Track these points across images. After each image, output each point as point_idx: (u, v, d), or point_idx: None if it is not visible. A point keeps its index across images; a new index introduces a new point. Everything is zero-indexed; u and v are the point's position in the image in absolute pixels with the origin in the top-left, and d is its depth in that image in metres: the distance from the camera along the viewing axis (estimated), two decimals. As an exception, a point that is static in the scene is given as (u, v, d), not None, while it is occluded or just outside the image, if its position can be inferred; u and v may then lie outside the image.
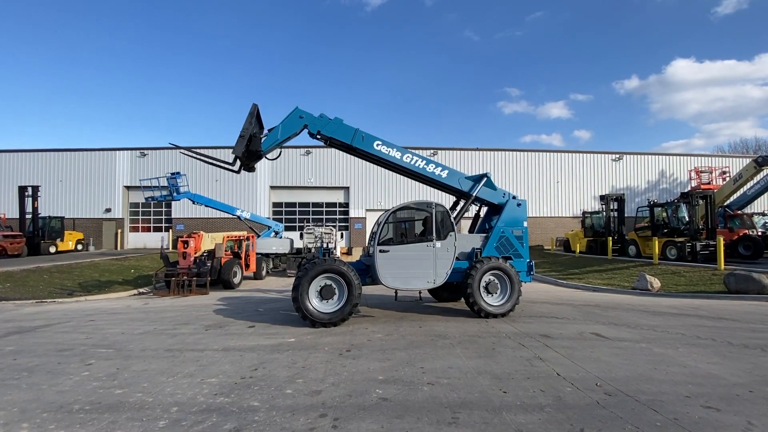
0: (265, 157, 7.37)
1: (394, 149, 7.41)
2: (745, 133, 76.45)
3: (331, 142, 7.39)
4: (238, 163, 7.23)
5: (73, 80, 77.74)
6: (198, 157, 7.78)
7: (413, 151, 7.69)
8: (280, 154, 7.53)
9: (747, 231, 15.79)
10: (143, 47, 79.76)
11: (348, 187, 26.07)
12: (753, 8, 71.33)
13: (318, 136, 7.32)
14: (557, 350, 4.98)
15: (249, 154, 6.99)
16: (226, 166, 7.37)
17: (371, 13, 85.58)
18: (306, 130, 7.27)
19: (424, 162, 7.56)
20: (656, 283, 10.46)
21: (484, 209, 8.40)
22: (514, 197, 7.75)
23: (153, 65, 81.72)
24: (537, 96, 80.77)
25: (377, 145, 7.35)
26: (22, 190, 20.01)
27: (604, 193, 20.57)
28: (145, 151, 25.92)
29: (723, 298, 9.20)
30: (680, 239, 14.83)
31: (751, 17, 73.33)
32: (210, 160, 7.64)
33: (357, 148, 7.29)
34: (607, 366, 4.38)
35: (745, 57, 75.33)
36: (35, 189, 20.24)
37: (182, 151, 7.40)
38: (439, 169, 7.63)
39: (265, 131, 7.32)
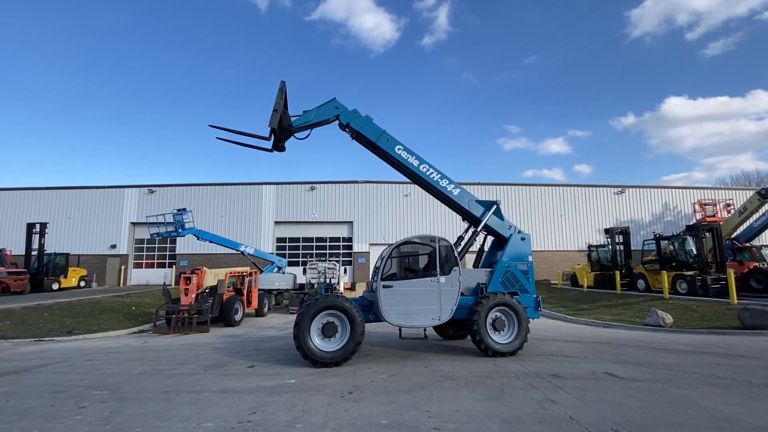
0: (294, 136, 7.53)
1: (413, 157, 7.64)
2: (746, 165, 77.17)
3: (357, 136, 7.63)
4: (272, 140, 7.37)
5: (87, 119, 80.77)
6: (234, 140, 7.63)
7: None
8: (308, 135, 7.70)
9: (757, 264, 15.51)
10: (154, 86, 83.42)
11: (351, 222, 26.16)
12: (740, 49, 74.14)
13: (347, 129, 7.59)
14: (569, 391, 4.77)
15: (281, 129, 7.19)
16: (261, 144, 7.46)
17: (375, 60, 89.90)
18: (337, 121, 7.57)
19: (439, 176, 7.71)
20: (668, 319, 10.15)
21: (488, 243, 8.35)
22: (519, 231, 7.73)
23: (164, 104, 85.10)
24: (536, 133, 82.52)
25: (398, 149, 7.58)
26: (30, 227, 20.24)
27: (608, 227, 20.48)
28: (153, 188, 26.41)
29: (738, 334, 8.88)
30: (690, 273, 14.55)
31: (740, 56, 76.05)
32: (245, 139, 7.56)
33: (380, 147, 7.53)
34: (623, 408, 4.16)
35: (738, 93, 77.29)
36: (43, 226, 20.47)
37: (219, 137, 7.51)
38: (452, 186, 7.75)
39: (300, 112, 7.57)
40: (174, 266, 25.24)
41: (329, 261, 17.32)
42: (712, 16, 74.02)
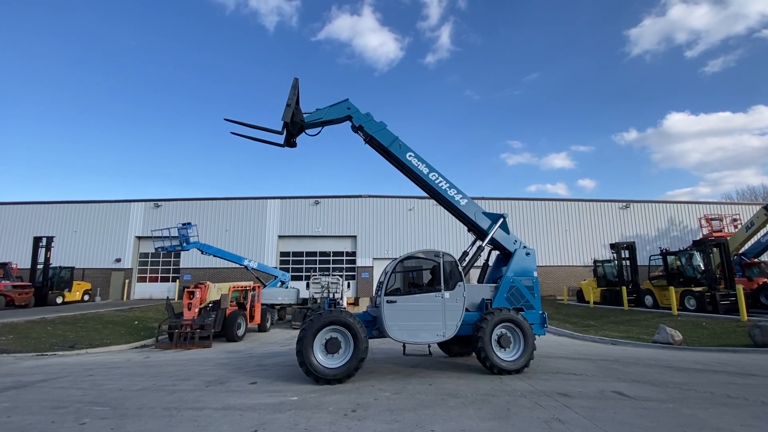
0: (305, 132, 7.68)
1: (423, 164, 7.72)
2: (750, 180, 76.48)
3: (370, 141, 7.76)
4: (284, 135, 7.51)
5: (95, 134, 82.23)
6: (248, 135, 7.81)
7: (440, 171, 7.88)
8: (319, 132, 7.84)
9: (766, 279, 15.28)
10: (162, 101, 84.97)
11: (355, 236, 26.16)
12: (740, 66, 74.55)
13: (359, 132, 7.71)
14: (577, 411, 4.66)
15: (293, 124, 7.36)
16: (273, 138, 7.60)
17: (379, 78, 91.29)
18: (350, 123, 7.70)
19: (447, 185, 7.76)
20: (678, 336, 9.96)
21: (492, 258, 8.30)
22: (524, 246, 7.69)
23: (171, 120, 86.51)
24: (539, 148, 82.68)
25: (409, 156, 7.69)
26: (36, 240, 20.41)
27: (614, 242, 20.31)
28: (159, 203, 26.63)
29: (750, 351, 8.69)
30: (698, 289, 14.35)
31: (740, 73, 76.40)
32: (258, 134, 7.70)
33: (392, 153, 7.65)
34: (633, 429, 4.06)
35: (740, 109, 77.25)
36: (49, 240, 20.64)
37: (234, 131, 7.72)
38: (460, 196, 7.78)
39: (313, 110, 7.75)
40: (178, 280, 25.25)
41: (332, 275, 17.26)
42: (711, 34, 74.84)
